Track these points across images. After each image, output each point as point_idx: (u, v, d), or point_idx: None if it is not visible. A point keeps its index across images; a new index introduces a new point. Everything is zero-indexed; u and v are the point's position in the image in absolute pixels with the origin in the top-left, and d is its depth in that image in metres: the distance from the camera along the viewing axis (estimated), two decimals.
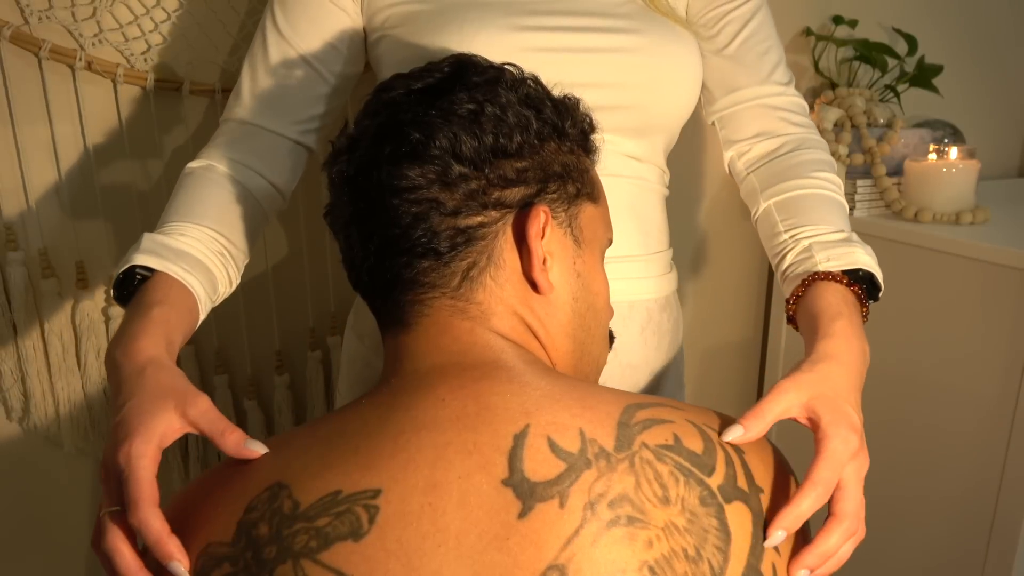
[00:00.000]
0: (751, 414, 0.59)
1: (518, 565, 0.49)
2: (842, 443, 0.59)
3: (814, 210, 0.84)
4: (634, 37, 0.85)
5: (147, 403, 0.60)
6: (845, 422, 0.60)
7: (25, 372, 1.15)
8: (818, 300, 0.74)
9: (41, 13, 1.06)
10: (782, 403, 0.61)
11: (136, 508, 0.54)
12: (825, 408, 0.61)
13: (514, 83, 0.65)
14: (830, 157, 0.90)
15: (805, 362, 0.66)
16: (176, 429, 0.60)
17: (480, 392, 0.57)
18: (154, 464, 0.57)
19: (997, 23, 1.86)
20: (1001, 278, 1.25)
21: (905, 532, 1.46)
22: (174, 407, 0.60)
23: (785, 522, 0.55)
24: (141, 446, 0.57)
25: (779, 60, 0.93)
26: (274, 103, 0.89)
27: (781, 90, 0.92)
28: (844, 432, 0.60)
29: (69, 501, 1.25)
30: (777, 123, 0.91)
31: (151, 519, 0.54)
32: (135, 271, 0.74)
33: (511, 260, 0.63)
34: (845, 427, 0.60)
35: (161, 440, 0.58)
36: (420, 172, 0.60)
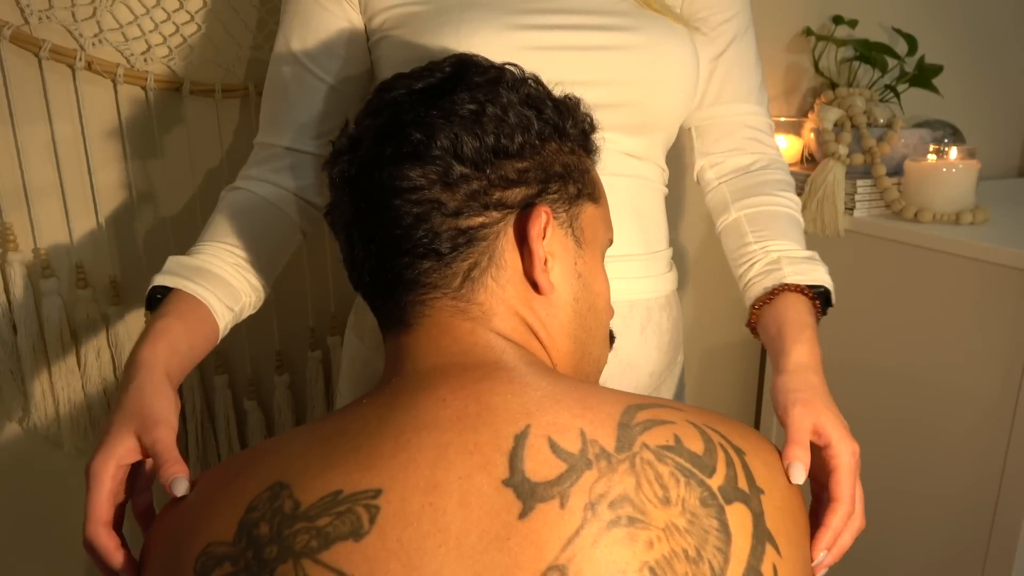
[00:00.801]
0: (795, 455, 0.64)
1: (518, 565, 0.49)
2: (850, 456, 0.67)
3: (782, 227, 0.90)
4: (631, 34, 0.85)
5: (117, 420, 0.65)
6: (845, 432, 0.68)
7: (25, 372, 1.15)
8: (788, 310, 0.82)
9: (41, 13, 1.06)
10: (807, 427, 0.68)
11: (87, 524, 0.61)
12: (827, 424, 0.68)
13: (515, 83, 0.65)
14: (791, 179, 0.98)
15: (788, 373, 0.74)
16: (133, 451, 0.64)
17: (481, 392, 0.57)
18: (112, 480, 0.62)
19: (997, 23, 1.86)
20: (1001, 278, 1.25)
21: (905, 532, 1.46)
22: (134, 430, 0.64)
23: (825, 542, 0.65)
24: (100, 464, 0.62)
25: (760, 80, 0.98)
26: (291, 123, 0.90)
27: (759, 110, 0.97)
28: (848, 444, 0.67)
29: (69, 501, 1.25)
30: (751, 142, 0.97)
31: (96, 537, 0.61)
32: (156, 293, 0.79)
33: (512, 261, 0.63)
34: (847, 439, 0.68)
35: (119, 459, 0.63)
36: (421, 172, 0.60)
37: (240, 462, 0.59)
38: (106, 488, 0.62)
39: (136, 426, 0.64)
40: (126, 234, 1.19)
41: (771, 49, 1.60)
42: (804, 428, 0.68)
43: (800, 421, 0.68)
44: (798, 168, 1.55)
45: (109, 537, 0.61)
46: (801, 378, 0.73)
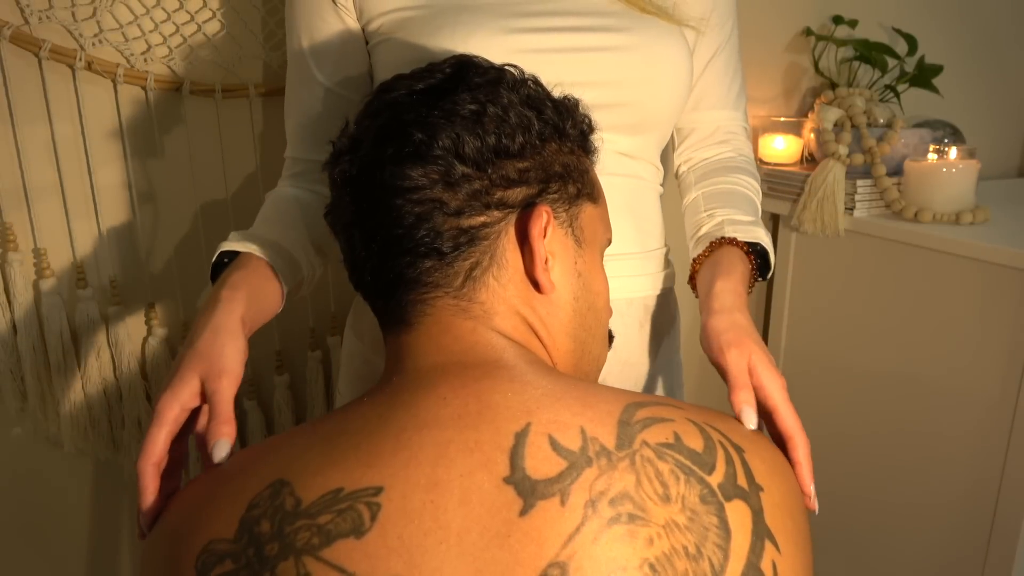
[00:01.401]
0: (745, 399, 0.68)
1: (519, 562, 0.49)
2: (780, 391, 0.70)
3: (734, 200, 0.94)
4: (626, 35, 0.85)
5: (187, 360, 0.66)
6: (772, 369, 0.71)
7: (25, 372, 1.15)
8: (720, 258, 0.85)
9: (41, 13, 1.06)
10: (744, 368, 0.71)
11: (139, 457, 0.62)
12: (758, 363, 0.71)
13: (515, 84, 0.66)
14: (755, 172, 1.01)
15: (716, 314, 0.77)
16: (197, 396, 0.65)
17: (481, 391, 0.57)
18: (174, 423, 0.64)
19: (997, 23, 1.86)
20: (1001, 278, 1.25)
21: (905, 532, 1.46)
22: (200, 374, 0.65)
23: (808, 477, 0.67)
24: (166, 404, 0.64)
25: (740, 86, 1.02)
26: (309, 136, 0.92)
27: (736, 115, 1.02)
28: (776, 380, 0.70)
29: (69, 501, 1.25)
30: (722, 144, 1.01)
31: (143, 475, 0.62)
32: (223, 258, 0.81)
33: (513, 260, 0.64)
34: (774, 375, 0.71)
35: (184, 403, 0.64)
36: (423, 172, 0.61)
37: (241, 460, 0.59)
38: (166, 430, 0.63)
39: (203, 370, 0.65)
40: (126, 234, 1.19)
41: (771, 49, 1.60)
42: (743, 370, 0.71)
43: (738, 363, 0.71)
44: (798, 168, 1.55)
45: (153, 478, 0.62)
46: (729, 319, 0.75)
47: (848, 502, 1.56)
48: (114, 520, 1.29)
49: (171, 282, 1.23)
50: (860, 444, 1.53)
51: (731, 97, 1.01)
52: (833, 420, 1.58)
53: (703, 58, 0.97)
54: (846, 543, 1.58)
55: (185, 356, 0.66)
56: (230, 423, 0.63)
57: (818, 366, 1.60)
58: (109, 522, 1.29)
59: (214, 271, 0.80)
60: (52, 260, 1.14)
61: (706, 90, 0.99)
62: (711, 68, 0.98)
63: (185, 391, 0.64)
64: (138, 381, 1.22)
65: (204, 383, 0.65)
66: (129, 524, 1.30)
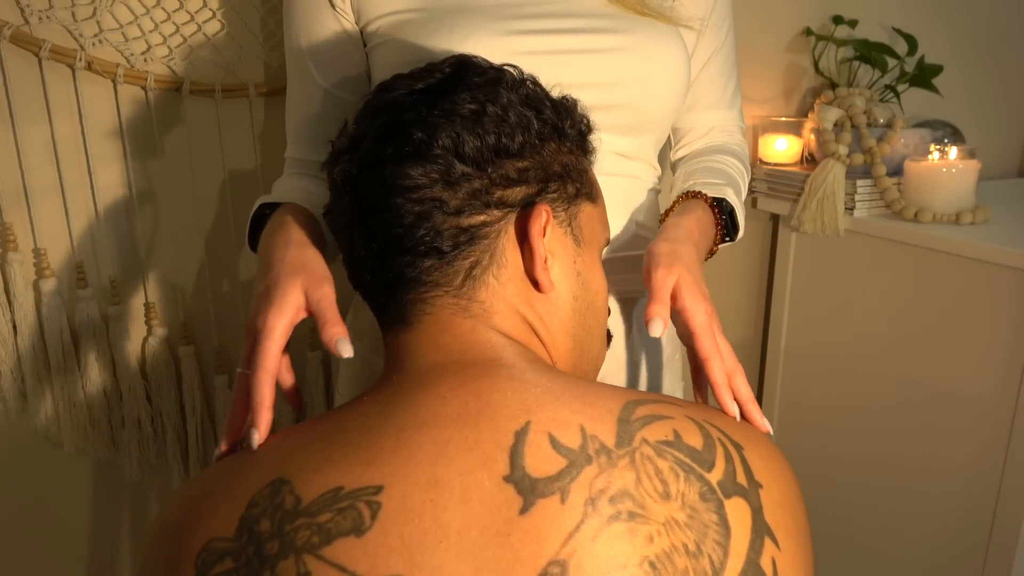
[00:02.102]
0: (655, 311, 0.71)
1: (519, 560, 0.49)
2: (704, 315, 0.72)
3: (711, 173, 0.96)
4: (622, 37, 0.85)
5: (283, 276, 0.67)
6: (698, 294, 0.73)
7: (25, 372, 1.15)
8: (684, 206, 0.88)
9: (41, 13, 1.06)
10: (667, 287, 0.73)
11: (257, 372, 0.64)
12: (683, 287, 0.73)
13: (514, 83, 0.66)
14: (745, 156, 1.03)
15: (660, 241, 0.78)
16: (302, 308, 0.67)
17: (481, 389, 0.57)
18: (284, 337, 0.65)
19: (997, 23, 1.86)
20: (1001, 278, 1.25)
21: (905, 532, 1.46)
22: (301, 285, 0.67)
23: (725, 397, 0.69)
24: (274, 319, 0.65)
25: (735, 86, 1.04)
26: (308, 136, 0.93)
27: (731, 115, 1.04)
28: (700, 305, 0.73)
29: (69, 501, 1.25)
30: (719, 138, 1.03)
31: (264, 387, 0.63)
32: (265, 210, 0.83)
33: (513, 259, 0.64)
34: (700, 300, 0.73)
35: (293, 317, 0.66)
36: (423, 171, 0.61)
37: (241, 459, 0.59)
38: (279, 344, 0.65)
39: (303, 281, 0.66)
40: (126, 234, 1.19)
41: (771, 49, 1.60)
42: (664, 288, 0.73)
43: (661, 282, 0.73)
44: (798, 168, 1.55)
45: (271, 392, 0.64)
46: (670, 246, 0.77)
47: (847, 502, 1.56)
48: (114, 520, 1.29)
49: (171, 282, 1.23)
50: (860, 444, 1.53)
51: (727, 97, 1.02)
52: (833, 420, 1.58)
53: (700, 59, 0.97)
54: (845, 542, 1.58)
55: (280, 272, 0.67)
56: (342, 323, 0.65)
57: (818, 366, 1.60)
58: (109, 522, 1.29)
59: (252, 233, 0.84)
60: (52, 260, 1.14)
61: (702, 91, 1.00)
62: (708, 69, 0.99)
63: (291, 305, 0.66)
64: (138, 381, 1.22)
65: (307, 293, 0.66)
66: (129, 524, 1.30)
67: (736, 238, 0.93)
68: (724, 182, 0.94)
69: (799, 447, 1.65)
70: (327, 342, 0.64)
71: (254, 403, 0.63)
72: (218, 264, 1.26)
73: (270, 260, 0.71)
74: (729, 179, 0.95)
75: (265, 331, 0.65)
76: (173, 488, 1.29)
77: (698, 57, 0.97)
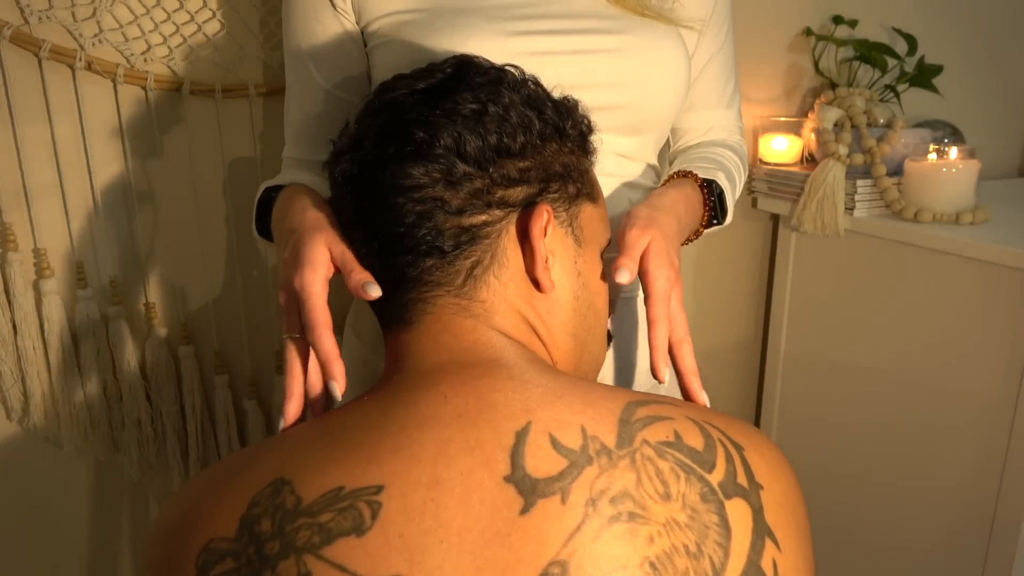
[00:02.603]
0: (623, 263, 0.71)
1: (520, 561, 0.49)
2: (664, 281, 0.72)
3: (703, 160, 0.97)
4: (623, 37, 0.86)
5: (307, 236, 0.68)
6: (664, 260, 0.73)
7: (25, 372, 1.15)
8: (674, 182, 0.88)
9: (41, 13, 1.06)
10: (639, 247, 0.73)
11: (313, 331, 0.65)
12: (652, 250, 0.73)
13: (516, 84, 0.66)
14: (743, 151, 1.04)
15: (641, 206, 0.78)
16: (330, 264, 0.67)
17: (482, 389, 0.57)
18: (325, 291, 0.66)
19: (997, 23, 1.86)
20: (1001, 278, 1.25)
21: (905, 532, 1.46)
22: (325, 242, 0.67)
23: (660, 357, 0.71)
24: (311, 275, 0.66)
25: (735, 85, 1.04)
26: (307, 137, 0.93)
27: (730, 114, 1.04)
28: (664, 271, 0.72)
29: (69, 501, 1.25)
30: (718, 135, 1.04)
31: (324, 340, 0.65)
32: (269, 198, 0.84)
33: (514, 259, 0.64)
34: (664, 266, 0.72)
35: (326, 273, 0.67)
36: (425, 171, 0.61)
37: (241, 459, 0.59)
38: (323, 299, 0.66)
39: (325, 237, 0.67)
40: (126, 234, 1.19)
41: (771, 49, 1.60)
42: (635, 247, 0.73)
43: (633, 241, 0.73)
44: (798, 168, 1.55)
45: (333, 344, 0.65)
46: (650, 211, 0.77)
47: (848, 501, 1.56)
48: (114, 520, 1.29)
49: (171, 282, 1.23)
50: (860, 444, 1.53)
51: (726, 98, 1.02)
52: (833, 420, 1.58)
53: (700, 60, 0.98)
54: (846, 542, 1.58)
55: (303, 232, 0.68)
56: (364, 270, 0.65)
57: (818, 366, 1.60)
58: (109, 522, 1.29)
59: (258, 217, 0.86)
60: (52, 260, 1.14)
61: (702, 92, 1.00)
62: (708, 70, 0.99)
63: (322, 260, 0.66)
64: (138, 381, 1.22)
65: (330, 249, 0.67)
66: (129, 524, 1.30)
67: (724, 222, 0.93)
68: (716, 167, 0.94)
69: (799, 447, 1.65)
70: (355, 287, 0.64)
71: (324, 357, 0.64)
72: (218, 264, 1.26)
73: (290, 226, 0.72)
74: (722, 166, 0.95)
75: (306, 290, 0.65)
76: (173, 488, 1.29)
77: (698, 58, 0.97)
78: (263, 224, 0.86)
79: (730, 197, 0.93)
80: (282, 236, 0.73)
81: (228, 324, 1.28)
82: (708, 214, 0.89)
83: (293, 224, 0.71)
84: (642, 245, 0.73)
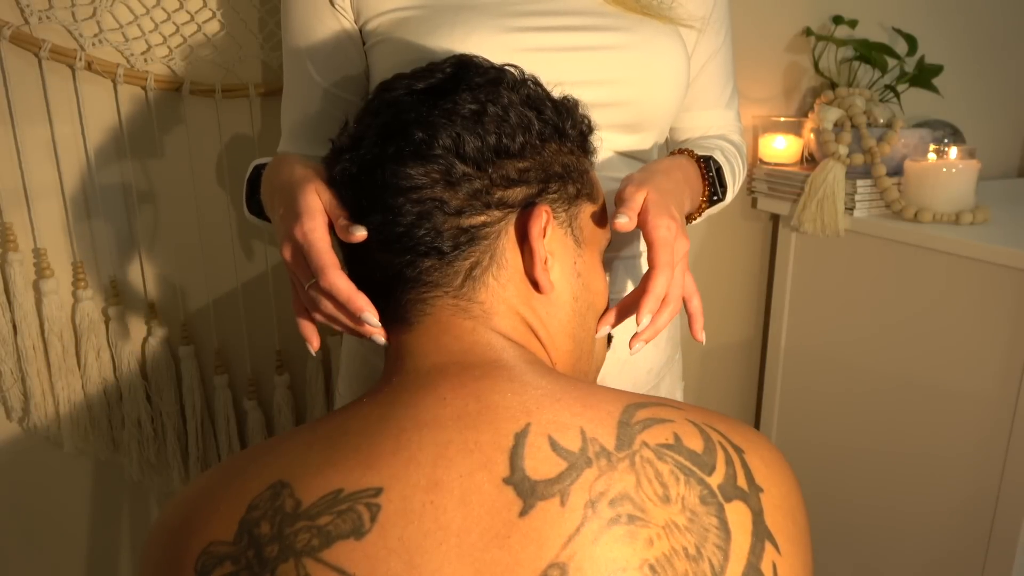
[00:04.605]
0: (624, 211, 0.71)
1: (519, 563, 0.49)
2: (666, 230, 0.71)
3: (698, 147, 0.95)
4: (624, 34, 0.86)
5: (297, 189, 0.68)
6: (663, 210, 0.72)
7: (25, 372, 1.15)
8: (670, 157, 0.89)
9: (41, 13, 1.06)
10: (638, 200, 0.72)
11: (324, 274, 0.64)
12: (651, 202, 0.72)
13: (515, 84, 0.66)
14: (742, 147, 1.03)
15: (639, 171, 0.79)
16: (323, 211, 0.67)
17: (481, 391, 0.57)
18: (327, 236, 0.66)
19: (997, 23, 1.86)
20: (1001, 278, 1.25)
21: (905, 532, 1.46)
22: (315, 191, 0.67)
23: (649, 305, 0.69)
24: (310, 222, 0.65)
25: (733, 86, 1.04)
26: (305, 135, 0.93)
27: (729, 114, 1.04)
28: (665, 219, 0.71)
29: (69, 501, 1.25)
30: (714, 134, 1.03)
31: (338, 280, 0.64)
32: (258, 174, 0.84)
33: (513, 259, 0.64)
34: (665, 215, 0.71)
35: (323, 219, 0.66)
36: (424, 171, 0.61)
37: (240, 461, 0.59)
38: (327, 242, 0.65)
39: (315, 186, 0.67)
40: (126, 234, 1.19)
41: (771, 49, 1.60)
42: (635, 199, 0.72)
43: (632, 195, 0.72)
44: (798, 168, 1.55)
45: (348, 281, 0.64)
46: (647, 173, 0.77)
47: (848, 502, 1.56)
48: (114, 520, 1.29)
49: (171, 282, 1.23)
50: (860, 444, 1.53)
51: (725, 98, 1.02)
52: (833, 420, 1.58)
53: (699, 60, 0.97)
54: (846, 542, 1.58)
55: (294, 186, 0.68)
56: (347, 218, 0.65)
57: (818, 366, 1.60)
58: (109, 522, 1.29)
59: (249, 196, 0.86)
60: (52, 260, 1.14)
61: (701, 92, 1.00)
62: (707, 70, 0.99)
63: (316, 208, 0.66)
64: (138, 381, 1.22)
65: (319, 196, 0.67)
66: (129, 524, 1.30)
67: (725, 199, 0.93)
68: (713, 149, 0.94)
69: (799, 447, 1.65)
70: (341, 231, 0.64)
71: (344, 296, 0.64)
72: (218, 264, 1.26)
73: (280, 184, 0.72)
74: (719, 148, 0.96)
75: (308, 237, 0.65)
76: (173, 488, 1.29)
77: (697, 57, 0.97)
78: (255, 204, 0.86)
79: (729, 176, 0.93)
80: (273, 195, 0.74)
81: (228, 324, 1.28)
82: (708, 189, 0.89)
83: (282, 182, 0.72)
84: (640, 199, 0.72)
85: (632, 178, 0.75)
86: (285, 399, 1.32)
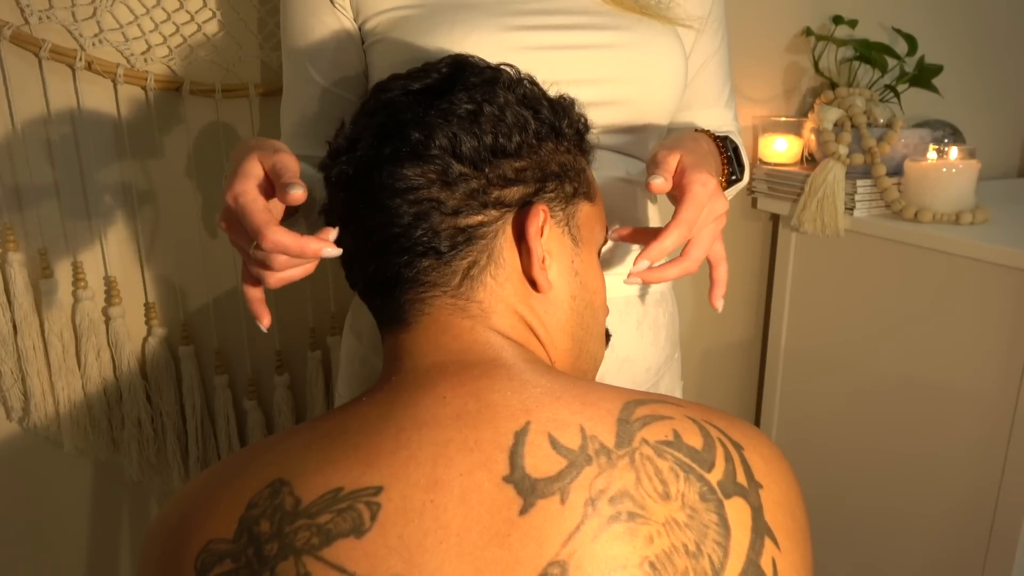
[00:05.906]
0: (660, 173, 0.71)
1: (519, 561, 0.49)
2: (701, 186, 0.70)
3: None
4: (622, 33, 0.86)
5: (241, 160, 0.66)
6: (701, 170, 0.71)
7: (25, 372, 1.15)
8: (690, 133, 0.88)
9: (41, 13, 1.06)
10: (671, 163, 0.72)
11: (263, 234, 0.61)
12: (687, 163, 0.72)
13: (511, 83, 0.66)
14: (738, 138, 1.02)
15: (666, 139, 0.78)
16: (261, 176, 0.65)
17: (480, 390, 0.57)
18: (260, 198, 0.63)
19: (997, 23, 1.86)
20: (1001, 278, 1.25)
21: (905, 531, 1.46)
22: (257, 157, 0.65)
23: (651, 254, 0.69)
24: (240, 185, 0.63)
25: (731, 87, 1.04)
26: (305, 134, 0.93)
27: (727, 113, 1.04)
28: (701, 176, 0.70)
29: (69, 501, 1.25)
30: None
31: (282, 237, 0.61)
32: None
33: (511, 259, 0.64)
34: (702, 173, 0.71)
35: (256, 179, 0.64)
36: (420, 172, 0.61)
37: (240, 459, 0.59)
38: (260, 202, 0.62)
39: (257, 155, 0.65)
40: (126, 234, 1.19)
41: (771, 49, 1.60)
42: (669, 161, 0.72)
43: (666, 158, 0.72)
44: (798, 168, 1.55)
45: (289, 232, 0.61)
46: (674, 139, 0.77)
47: (848, 501, 1.56)
48: (114, 520, 1.29)
49: (171, 282, 1.23)
50: (860, 443, 1.53)
51: (723, 99, 1.03)
52: (833, 420, 1.58)
53: (697, 60, 0.98)
54: (846, 541, 1.58)
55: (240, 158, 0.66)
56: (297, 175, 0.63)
57: (818, 366, 1.60)
58: (109, 522, 1.29)
59: None
60: (52, 260, 1.14)
61: (700, 92, 1.00)
62: (704, 71, 0.99)
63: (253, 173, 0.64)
64: (138, 381, 1.22)
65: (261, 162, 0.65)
66: (129, 524, 1.30)
67: (743, 178, 0.93)
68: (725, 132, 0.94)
69: (799, 447, 1.65)
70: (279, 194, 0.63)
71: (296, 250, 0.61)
72: (218, 264, 1.26)
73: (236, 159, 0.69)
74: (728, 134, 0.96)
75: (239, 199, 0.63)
76: (173, 488, 1.29)
77: (695, 57, 0.97)
78: None
79: (743, 149, 0.93)
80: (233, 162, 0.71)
81: (228, 324, 1.28)
82: (727, 168, 0.88)
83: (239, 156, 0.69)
84: (673, 161, 0.71)
85: (663, 144, 0.75)
86: (285, 399, 1.32)
